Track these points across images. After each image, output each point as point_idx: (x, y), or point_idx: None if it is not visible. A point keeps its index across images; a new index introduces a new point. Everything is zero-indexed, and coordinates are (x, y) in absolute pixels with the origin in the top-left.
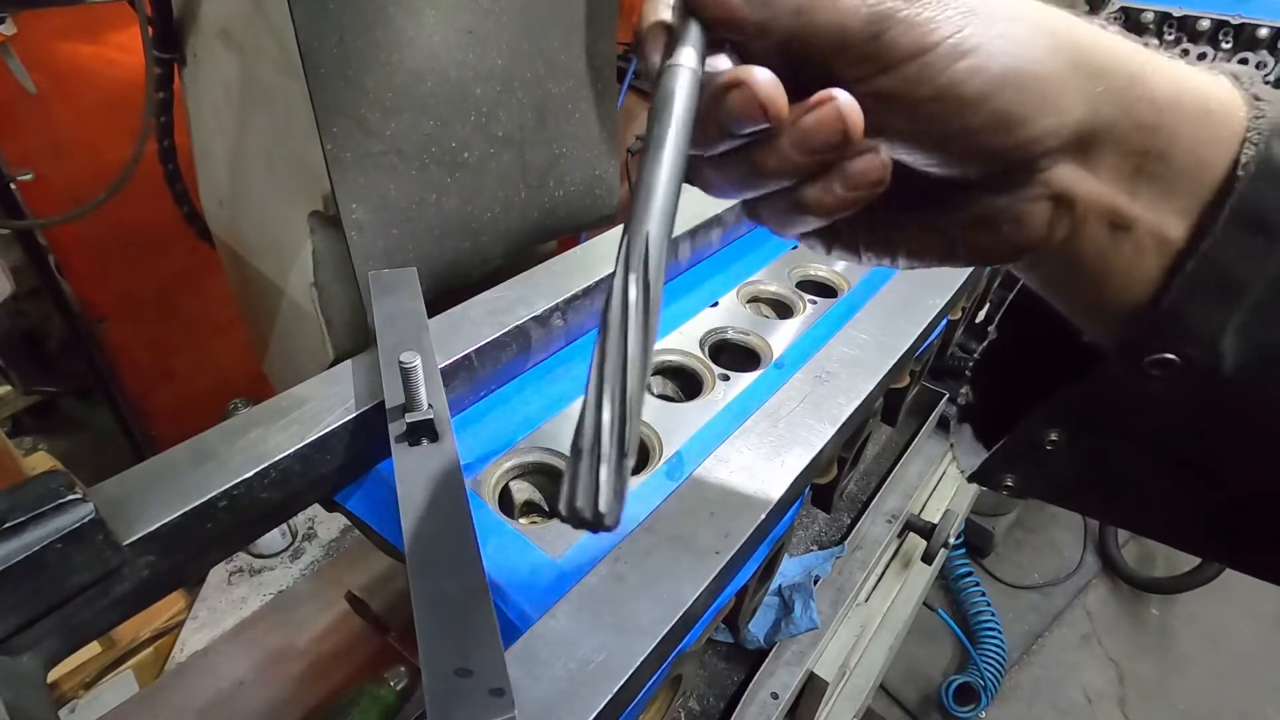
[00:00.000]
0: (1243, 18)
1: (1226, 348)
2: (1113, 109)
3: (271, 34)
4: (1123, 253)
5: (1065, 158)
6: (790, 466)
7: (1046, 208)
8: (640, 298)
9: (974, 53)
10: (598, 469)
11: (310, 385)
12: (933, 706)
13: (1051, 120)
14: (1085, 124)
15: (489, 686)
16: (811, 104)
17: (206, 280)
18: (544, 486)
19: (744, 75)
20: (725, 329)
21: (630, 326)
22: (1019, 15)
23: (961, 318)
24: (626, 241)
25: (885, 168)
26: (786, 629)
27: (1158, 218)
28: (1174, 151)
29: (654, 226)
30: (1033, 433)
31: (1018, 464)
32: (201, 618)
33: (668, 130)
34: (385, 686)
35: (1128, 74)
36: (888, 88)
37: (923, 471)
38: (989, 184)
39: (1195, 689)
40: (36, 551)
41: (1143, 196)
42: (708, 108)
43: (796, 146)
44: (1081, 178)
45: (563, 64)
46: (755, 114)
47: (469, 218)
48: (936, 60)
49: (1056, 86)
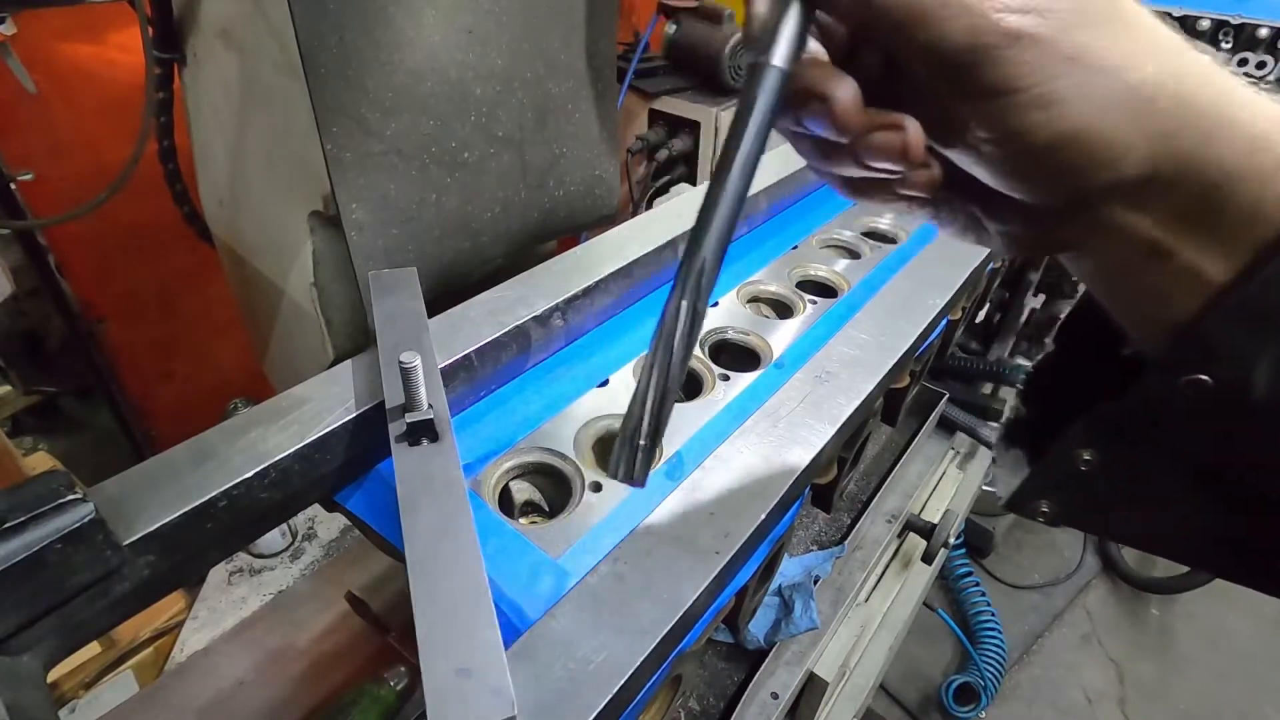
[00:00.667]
0: (1243, 18)
1: (1260, 376)
2: (1178, 167)
3: (271, 34)
4: (1157, 276)
5: (1116, 199)
6: (790, 466)
7: (1087, 227)
8: (687, 320)
9: (1055, 106)
10: (636, 448)
11: (310, 385)
12: (933, 706)
13: (1109, 175)
14: (1143, 177)
15: (489, 686)
16: (882, 123)
17: (206, 280)
18: (544, 486)
19: (829, 90)
20: (725, 329)
21: (676, 343)
22: (1117, 67)
23: (961, 318)
24: (685, 266)
25: (935, 183)
26: (786, 629)
27: (1199, 256)
28: (1231, 205)
29: (710, 252)
30: (1068, 453)
31: (1052, 487)
32: (201, 618)
33: (740, 150)
34: (385, 686)
35: (1203, 131)
36: (964, 114)
37: (923, 471)
38: (1037, 207)
39: (1195, 689)
40: (36, 551)
41: (1188, 236)
42: (791, 99)
43: (858, 157)
44: (1129, 213)
45: (563, 64)
46: (829, 129)
47: (469, 218)
48: (1018, 105)
49: (1124, 146)
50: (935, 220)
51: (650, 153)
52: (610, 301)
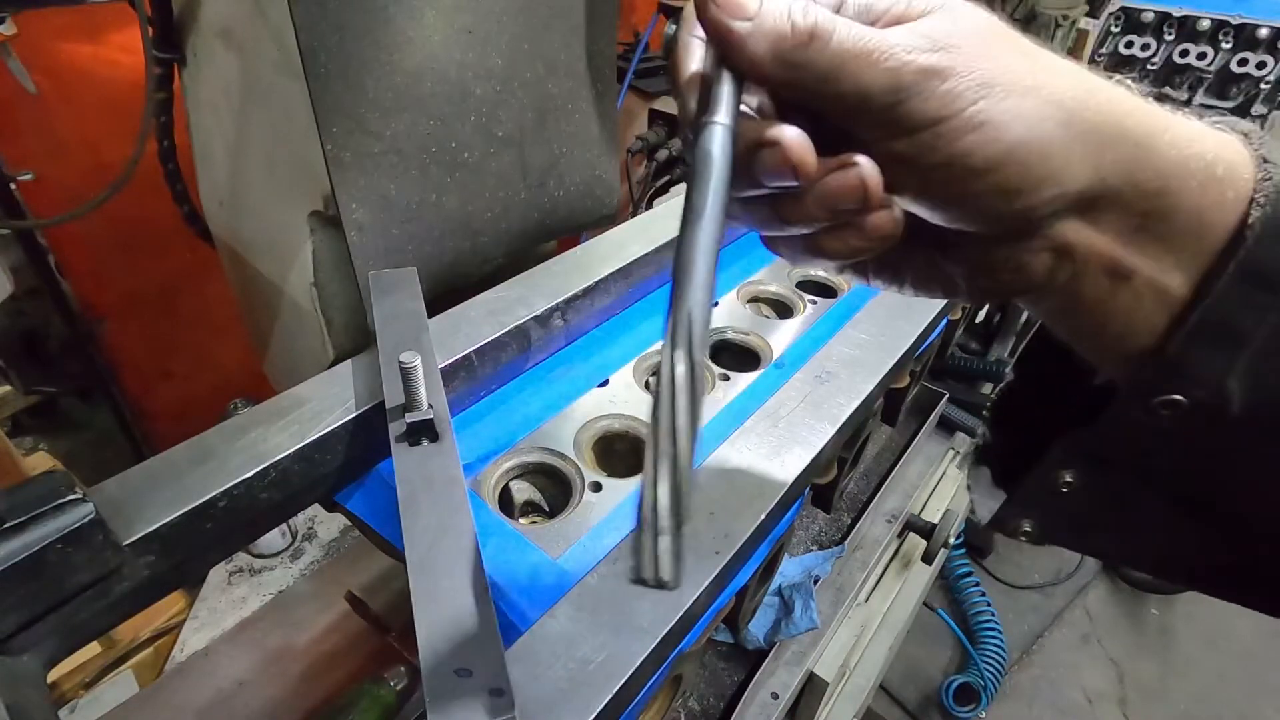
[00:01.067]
0: (1243, 18)
1: (1233, 390)
2: (1117, 176)
3: (271, 34)
4: (1122, 299)
5: (1068, 216)
6: (790, 466)
7: (1047, 257)
8: (686, 374)
9: (984, 127)
10: (657, 541)
11: (310, 385)
12: (933, 706)
13: (1054, 190)
14: (1089, 190)
15: (489, 686)
16: (835, 165)
17: (206, 280)
18: (544, 486)
19: (778, 135)
20: (725, 329)
21: (678, 403)
22: (1033, 88)
23: (961, 318)
24: (672, 320)
25: (898, 224)
26: (786, 629)
27: (1158, 271)
28: (1176, 214)
29: (697, 303)
30: (1049, 474)
31: (1035, 508)
32: (201, 618)
33: (706, 199)
34: (385, 686)
35: (1134, 142)
36: (901, 151)
37: (923, 471)
38: (993, 236)
39: (1195, 689)
40: (36, 551)
41: (1143, 251)
42: (741, 157)
43: (819, 203)
44: (1083, 231)
45: (563, 64)
46: (785, 173)
47: (469, 218)
48: (949, 131)
49: (1061, 158)
50: (895, 280)
51: (650, 153)
52: (610, 301)
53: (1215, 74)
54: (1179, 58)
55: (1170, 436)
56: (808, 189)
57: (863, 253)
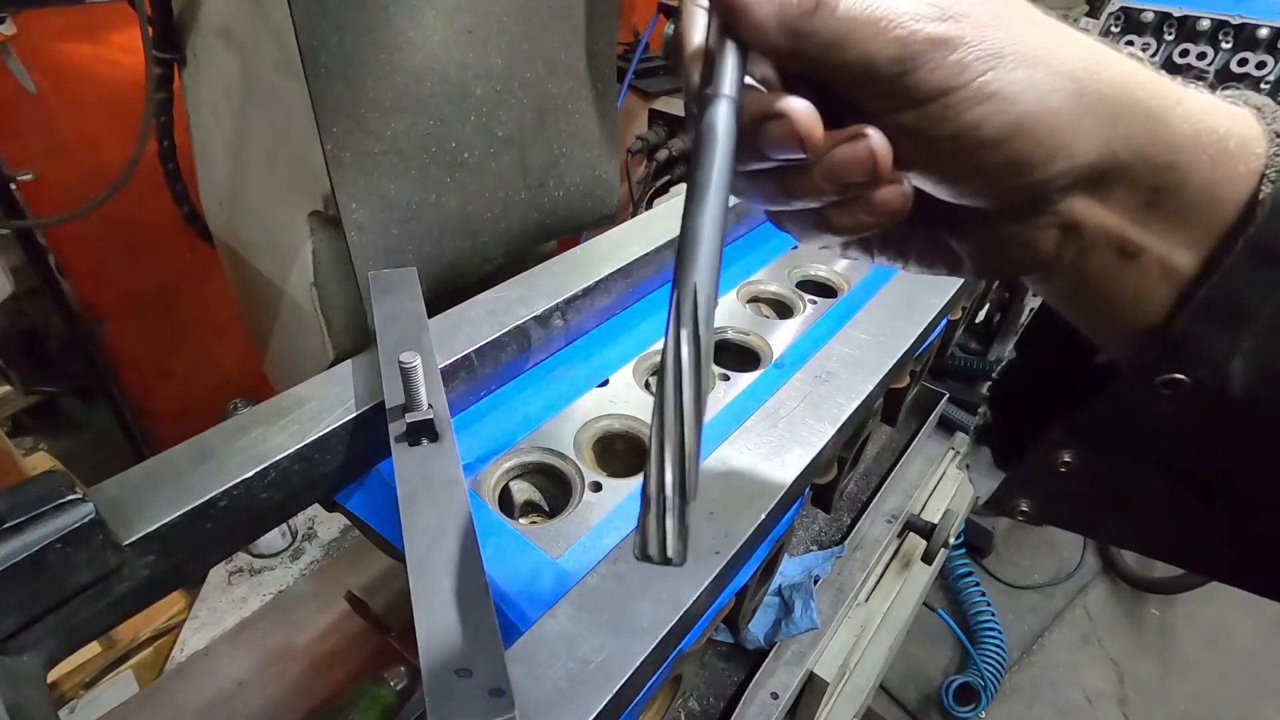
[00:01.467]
0: (1243, 18)
1: (1235, 370)
2: (1128, 150)
3: (271, 34)
4: (1130, 277)
5: (1076, 192)
6: (790, 466)
7: (1055, 234)
8: (692, 353)
9: (994, 98)
10: (664, 519)
11: (310, 385)
12: (933, 706)
13: (1064, 163)
14: (1099, 164)
15: (489, 686)
16: (843, 137)
17: (206, 280)
18: (544, 486)
19: (784, 107)
20: (725, 329)
21: (685, 381)
22: (1044, 58)
23: (961, 318)
24: (676, 297)
25: (907, 198)
26: (786, 629)
27: (1166, 247)
28: (1187, 188)
29: (701, 279)
30: (1047, 454)
31: (1033, 488)
32: (201, 618)
33: (711, 174)
34: (385, 686)
35: (1145, 114)
36: (910, 123)
37: (923, 471)
38: (1001, 212)
39: (1195, 689)
40: (36, 551)
41: (1152, 227)
42: (747, 130)
43: (827, 177)
44: (1091, 208)
45: (563, 64)
46: (792, 145)
47: (469, 218)
48: (958, 102)
49: (1071, 130)
50: (900, 257)
51: (650, 153)
52: (610, 301)
53: (1215, 74)
54: (1179, 58)
55: (1171, 417)
56: (815, 162)
57: (870, 228)
